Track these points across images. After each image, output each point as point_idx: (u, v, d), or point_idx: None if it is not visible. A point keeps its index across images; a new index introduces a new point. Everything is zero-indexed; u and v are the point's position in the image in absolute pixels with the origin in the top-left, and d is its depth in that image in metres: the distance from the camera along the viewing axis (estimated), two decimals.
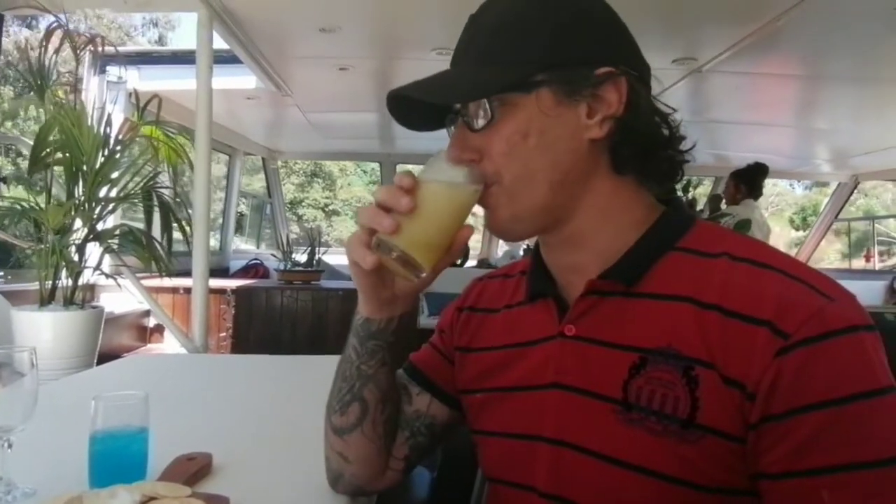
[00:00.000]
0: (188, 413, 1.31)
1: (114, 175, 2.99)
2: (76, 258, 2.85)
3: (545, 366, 0.71)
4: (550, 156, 0.66)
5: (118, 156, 2.97)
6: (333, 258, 5.22)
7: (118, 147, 2.96)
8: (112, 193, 3.01)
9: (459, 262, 6.35)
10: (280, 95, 4.25)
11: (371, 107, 4.82)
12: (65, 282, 2.81)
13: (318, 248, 4.63)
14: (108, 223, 3.23)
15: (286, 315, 4.17)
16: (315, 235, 4.84)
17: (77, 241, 2.87)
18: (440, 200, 0.66)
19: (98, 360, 2.79)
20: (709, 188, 7.23)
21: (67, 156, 2.83)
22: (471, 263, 6.26)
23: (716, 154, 6.04)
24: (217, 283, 3.90)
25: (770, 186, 15.43)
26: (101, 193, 2.94)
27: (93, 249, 2.95)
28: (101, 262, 3.00)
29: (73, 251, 2.85)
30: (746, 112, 4.74)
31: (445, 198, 0.66)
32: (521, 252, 6.55)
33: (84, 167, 2.83)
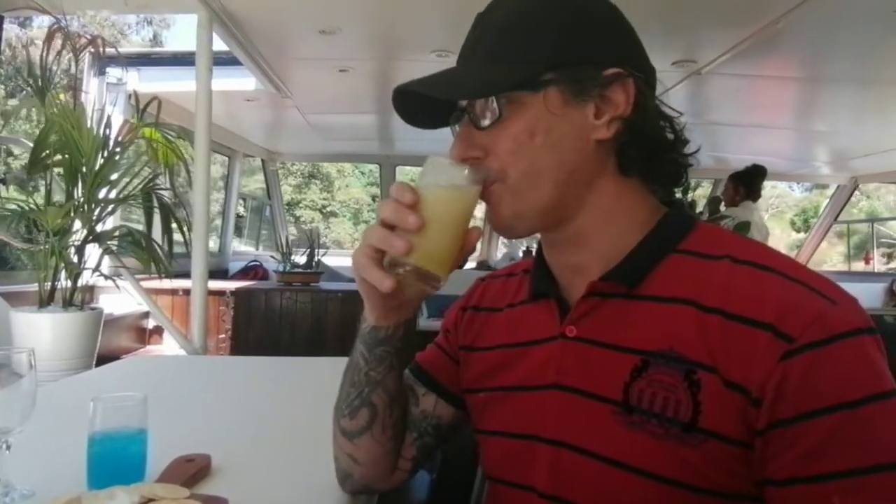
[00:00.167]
0: (187, 414, 1.30)
1: (113, 176, 2.99)
2: (75, 259, 2.84)
3: (546, 366, 0.71)
4: (557, 155, 0.66)
5: (118, 157, 2.97)
6: (333, 260, 5.21)
7: (118, 149, 2.96)
8: (111, 195, 3.01)
9: (460, 265, 6.35)
10: (280, 97, 4.25)
11: (371, 108, 4.82)
12: (64, 283, 2.81)
13: (318, 250, 4.62)
14: (108, 224, 3.23)
15: (285, 317, 4.16)
16: (314, 237, 4.83)
17: (76, 243, 2.87)
18: (446, 208, 0.66)
19: (97, 362, 2.79)
20: (708, 190, 7.24)
21: (67, 157, 2.82)
22: (470, 265, 6.26)
23: (715, 156, 6.04)
24: (216, 285, 3.89)
25: (770, 188, 15.43)
26: (101, 195, 2.94)
27: (92, 251, 2.95)
28: (101, 264, 3.00)
29: (73, 252, 2.85)
30: (746, 114, 4.74)
31: (450, 204, 0.66)
32: (521, 254, 6.55)
33: (83, 169, 2.83)
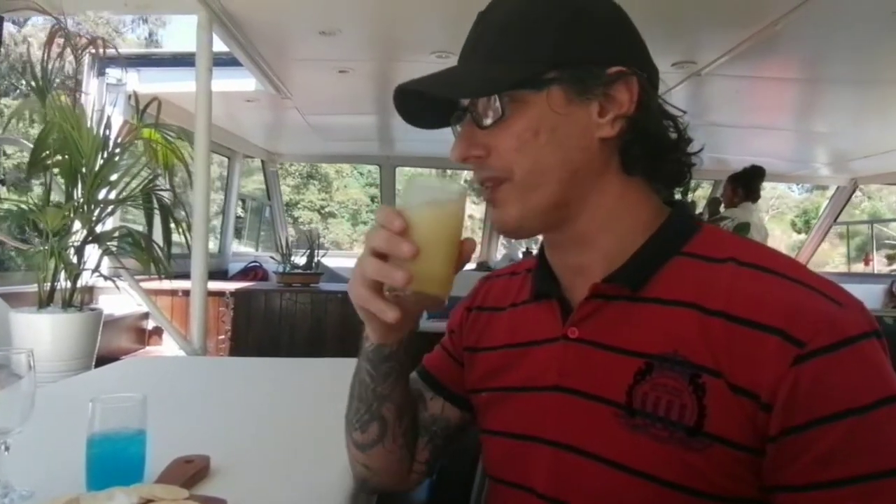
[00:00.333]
0: (186, 415, 1.30)
1: (113, 177, 2.99)
2: (75, 260, 2.84)
3: (548, 367, 0.71)
4: (561, 153, 0.66)
5: (117, 158, 2.97)
6: (332, 261, 5.21)
7: (117, 149, 2.96)
8: (111, 196, 3.01)
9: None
10: (279, 98, 4.25)
11: (371, 109, 4.82)
12: (63, 284, 2.81)
13: (318, 251, 4.62)
14: (107, 225, 3.23)
15: (285, 318, 4.16)
16: (314, 238, 4.83)
17: (76, 243, 2.87)
18: (438, 227, 0.65)
19: (96, 363, 2.79)
20: (708, 191, 7.23)
21: (67, 158, 2.82)
22: (470, 266, 6.26)
23: (715, 157, 6.04)
24: (216, 286, 3.89)
25: (770, 189, 15.42)
26: (101, 195, 2.94)
27: (91, 251, 2.95)
28: (100, 265, 2.99)
29: (72, 253, 2.84)
30: (745, 115, 4.74)
31: (441, 222, 0.65)
32: (520, 255, 6.55)
33: (83, 169, 2.83)
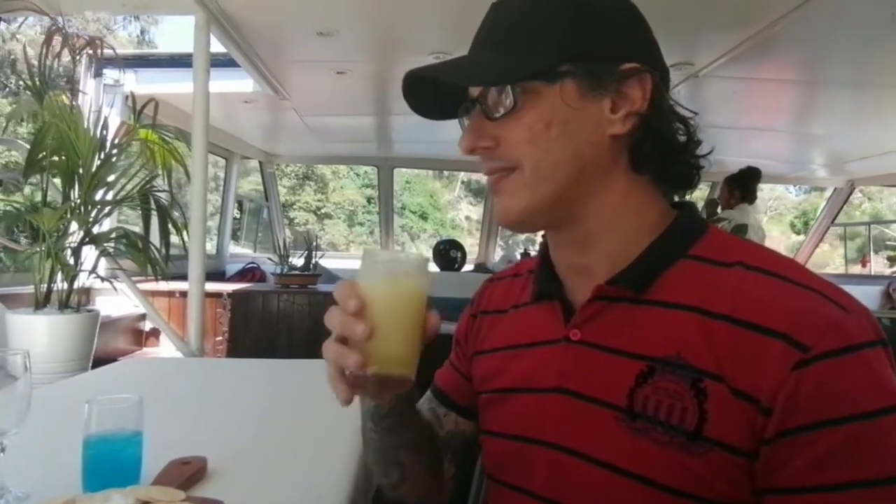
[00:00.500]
0: (183, 417, 1.30)
1: (110, 178, 2.98)
2: (72, 261, 2.83)
3: (548, 369, 0.70)
4: (572, 148, 0.65)
5: (114, 159, 2.96)
6: (329, 262, 5.21)
7: (114, 150, 2.96)
8: (108, 196, 3.00)
9: (457, 267, 6.37)
10: (277, 99, 4.24)
11: (369, 110, 4.82)
12: (60, 285, 2.80)
13: (315, 252, 4.62)
14: (104, 226, 3.22)
15: (283, 319, 4.16)
16: (312, 239, 4.83)
17: (73, 245, 2.86)
18: (394, 305, 0.60)
19: (93, 364, 2.78)
20: (705, 192, 7.24)
21: (64, 159, 2.82)
22: (468, 268, 6.26)
23: (712, 159, 6.04)
24: (213, 287, 3.89)
25: (768, 190, 15.45)
26: (97, 196, 2.93)
27: (88, 252, 2.94)
28: (97, 266, 2.99)
29: (69, 254, 2.84)
30: (743, 117, 4.74)
31: (399, 300, 0.61)
32: (518, 256, 6.56)
33: (80, 170, 2.82)
